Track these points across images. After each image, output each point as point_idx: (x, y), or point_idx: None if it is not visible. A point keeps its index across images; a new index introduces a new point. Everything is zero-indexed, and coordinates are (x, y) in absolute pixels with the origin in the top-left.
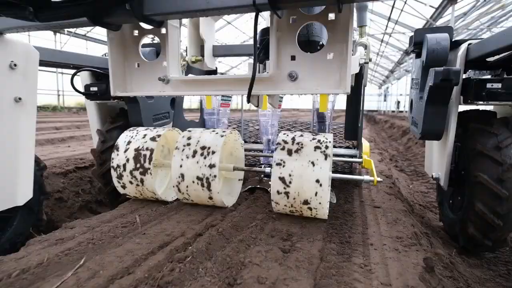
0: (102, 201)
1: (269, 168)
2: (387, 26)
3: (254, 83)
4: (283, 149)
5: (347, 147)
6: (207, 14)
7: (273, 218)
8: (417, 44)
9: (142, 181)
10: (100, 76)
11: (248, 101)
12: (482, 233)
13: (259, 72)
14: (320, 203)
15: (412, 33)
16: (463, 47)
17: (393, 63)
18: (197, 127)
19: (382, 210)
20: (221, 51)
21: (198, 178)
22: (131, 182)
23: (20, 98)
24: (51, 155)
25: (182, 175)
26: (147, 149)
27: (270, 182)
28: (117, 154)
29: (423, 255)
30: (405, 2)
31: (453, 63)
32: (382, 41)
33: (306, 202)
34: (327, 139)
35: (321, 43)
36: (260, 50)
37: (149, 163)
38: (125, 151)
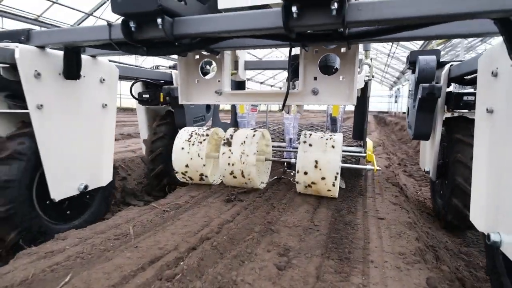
0: None
1: (294, 159)
2: None
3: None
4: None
5: (356, 145)
6: (254, 48)
7: (272, 230)
8: (411, 63)
9: (196, 162)
10: (149, 85)
11: (282, 109)
12: (463, 203)
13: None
14: (334, 175)
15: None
16: (446, 67)
17: (404, 64)
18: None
19: (386, 222)
20: (251, 65)
21: (239, 157)
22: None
23: (106, 105)
24: None
25: (227, 156)
26: (204, 138)
27: (292, 173)
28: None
29: (426, 274)
30: None
31: (439, 80)
32: (392, 41)
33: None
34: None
35: (335, 67)
36: (288, 71)
37: (205, 147)
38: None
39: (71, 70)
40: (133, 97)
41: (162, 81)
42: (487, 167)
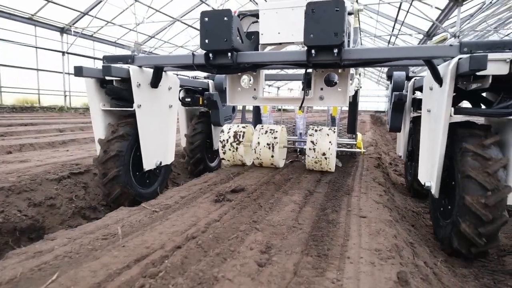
0: (96, 207)
1: (304, 147)
2: (393, 27)
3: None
4: (313, 129)
5: (349, 138)
6: (282, 69)
7: (256, 229)
8: (389, 76)
9: (236, 149)
10: (189, 91)
11: (300, 109)
12: (420, 186)
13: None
14: (331, 154)
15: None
16: (412, 80)
17: None
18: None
19: (367, 220)
20: (270, 77)
21: (267, 144)
22: (230, 150)
23: (171, 106)
24: (47, 160)
25: (258, 143)
26: (241, 131)
27: (303, 157)
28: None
29: (398, 269)
30: (411, 4)
31: (407, 90)
32: (389, 42)
33: (324, 154)
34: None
35: (335, 81)
36: (304, 83)
37: (242, 138)
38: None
39: (156, 81)
40: (179, 100)
41: (200, 88)
42: (426, 145)
